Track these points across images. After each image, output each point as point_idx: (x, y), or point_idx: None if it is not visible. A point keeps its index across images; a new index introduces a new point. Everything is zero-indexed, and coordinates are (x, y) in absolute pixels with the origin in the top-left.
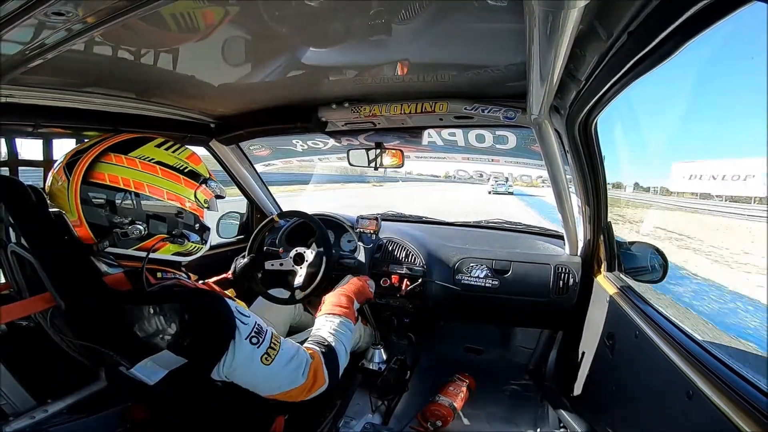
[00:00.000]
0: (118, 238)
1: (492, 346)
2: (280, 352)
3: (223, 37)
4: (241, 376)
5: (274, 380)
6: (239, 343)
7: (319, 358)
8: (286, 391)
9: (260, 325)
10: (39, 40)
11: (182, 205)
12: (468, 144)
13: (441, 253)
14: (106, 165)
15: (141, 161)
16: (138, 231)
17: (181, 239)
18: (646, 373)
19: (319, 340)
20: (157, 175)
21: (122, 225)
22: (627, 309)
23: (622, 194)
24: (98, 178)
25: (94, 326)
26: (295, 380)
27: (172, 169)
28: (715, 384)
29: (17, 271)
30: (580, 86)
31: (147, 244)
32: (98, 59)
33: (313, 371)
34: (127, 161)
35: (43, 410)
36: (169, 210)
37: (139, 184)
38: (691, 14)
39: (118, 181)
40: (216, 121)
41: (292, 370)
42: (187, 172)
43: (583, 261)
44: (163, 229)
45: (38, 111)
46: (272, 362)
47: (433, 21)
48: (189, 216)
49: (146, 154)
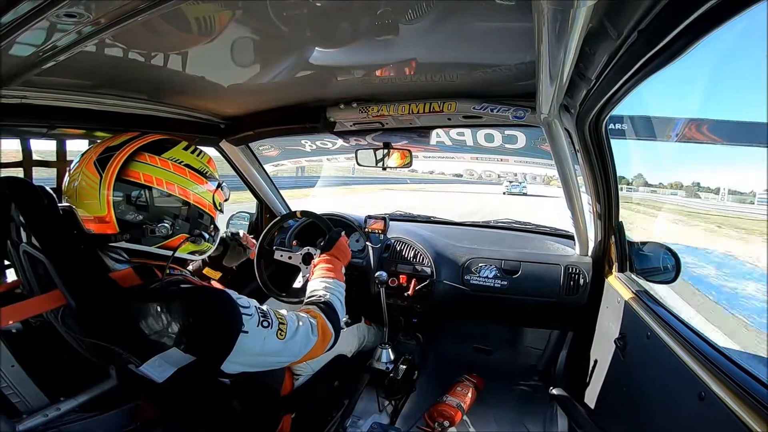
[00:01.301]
0: (145, 235)
1: (501, 347)
2: (288, 324)
3: (232, 38)
4: (261, 359)
5: (293, 348)
6: (253, 332)
7: (320, 315)
8: (305, 354)
9: (261, 308)
10: (52, 42)
11: (204, 207)
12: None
13: (449, 252)
14: (141, 164)
15: (173, 163)
16: (165, 229)
17: (199, 239)
18: (657, 374)
19: (316, 300)
20: (186, 177)
21: (151, 222)
22: (639, 310)
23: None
24: (133, 176)
25: (104, 324)
26: (308, 341)
27: (197, 172)
28: (728, 385)
29: (29, 270)
30: (590, 85)
31: (171, 242)
32: (110, 60)
33: (320, 328)
34: (161, 162)
35: (56, 408)
36: (193, 211)
37: (171, 184)
38: (703, 11)
39: (152, 181)
40: (226, 122)
41: (303, 334)
42: (208, 175)
43: (594, 261)
44: (186, 229)
45: (52, 112)
46: (286, 335)
47: (441, 20)
48: (207, 217)
49: (176, 156)
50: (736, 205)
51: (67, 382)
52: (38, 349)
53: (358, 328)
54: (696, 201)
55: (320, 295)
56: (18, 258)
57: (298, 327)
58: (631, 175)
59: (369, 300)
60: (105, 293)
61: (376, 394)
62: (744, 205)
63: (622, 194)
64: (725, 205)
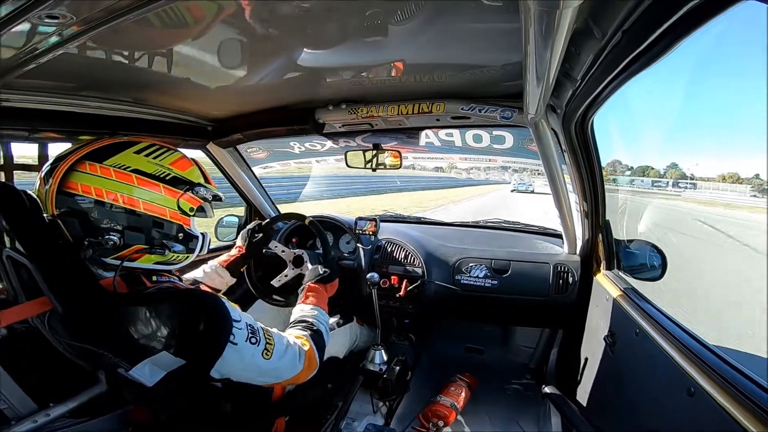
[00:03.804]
0: (93, 248)
1: (493, 346)
2: (276, 345)
3: (218, 40)
4: (246, 373)
5: (275, 371)
6: (241, 346)
7: (310, 345)
8: (287, 378)
9: (251, 324)
10: (33, 44)
11: (161, 215)
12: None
13: (440, 253)
14: (80, 174)
15: (116, 170)
16: (112, 242)
17: (162, 249)
18: (646, 370)
19: (308, 326)
20: (133, 184)
21: (95, 235)
22: (627, 307)
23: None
24: (72, 187)
25: (91, 328)
26: (293, 368)
27: (150, 177)
28: (716, 381)
29: (13, 275)
30: (576, 85)
31: (123, 254)
32: (93, 62)
33: (308, 358)
34: (101, 170)
35: (45, 414)
36: (145, 221)
37: (112, 194)
38: (685, 12)
39: (91, 191)
40: (212, 124)
41: (289, 359)
42: (168, 179)
43: (582, 259)
44: (139, 240)
45: (34, 115)
46: (272, 356)
47: (429, 21)
48: (170, 226)
49: (122, 162)
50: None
51: (57, 387)
52: (25, 355)
53: (350, 328)
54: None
55: (312, 323)
56: (1, 263)
57: (286, 350)
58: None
59: (361, 301)
60: (92, 297)
61: (370, 396)
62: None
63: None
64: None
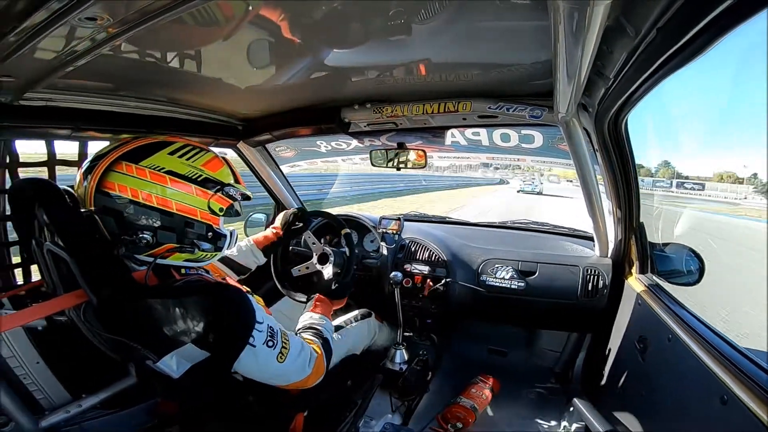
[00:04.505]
0: (127, 246)
1: (516, 348)
2: (290, 349)
3: (248, 40)
4: (258, 373)
5: (285, 375)
6: (258, 348)
7: (321, 352)
8: (294, 382)
9: (272, 326)
10: (72, 46)
11: (193, 216)
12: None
13: (464, 253)
14: (117, 174)
15: (151, 171)
16: (145, 240)
17: (192, 248)
18: (678, 377)
19: (318, 333)
20: (166, 185)
21: (129, 233)
22: (660, 312)
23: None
24: (109, 187)
25: (123, 320)
26: (302, 372)
27: (182, 179)
28: (750, 388)
29: (53, 269)
30: (608, 84)
31: (155, 252)
32: (129, 63)
33: (317, 365)
34: (137, 171)
35: (78, 405)
36: (177, 221)
37: (147, 195)
38: (724, 8)
39: (127, 191)
40: (242, 123)
41: (300, 364)
42: (200, 180)
43: (614, 263)
44: (171, 240)
45: (76, 114)
46: (285, 359)
47: (454, 20)
48: (200, 226)
49: (157, 163)
50: None
51: (89, 379)
52: (61, 346)
53: (368, 323)
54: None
55: (321, 331)
56: (42, 256)
57: (299, 355)
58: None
59: (383, 300)
60: (125, 290)
61: (389, 395)
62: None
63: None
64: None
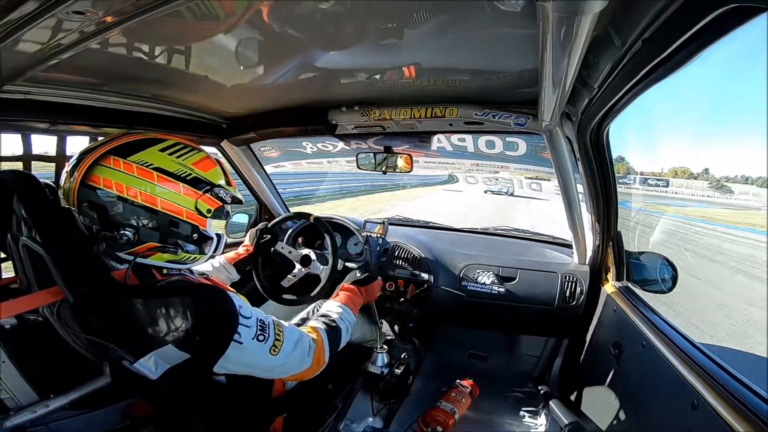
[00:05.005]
0: (107, 242)
1: (496, 353)
2: (285, 341)
3: (236, 38)
4: (249, 369)
5: (283, 367)
6: (246, 345)
7: (321, 340)
8: (294, 374)
9: (262, 319)
10: (58, 39)
11: (178, 215)
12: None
13: (447, 258)
14: (104, 168)
15: (138, 166)
16: (126, 237)
17: (175, 249)
18: (651, 383)
19: (328, 321)
20: (153, 181)
21: (110, 229)
22: (635, 318)
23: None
24: (94, 181)
25: (100, 319)
26: (302, 363)
27: (171, 177)
28: (720, 394)
29: (28, 264)
30: (592, 93)
31: (136, 250)
32: (114, 58)
33: (316, 355)
34: (125, 166)
35: (45, 405)
36: (161, 219)
37: (132, 190)
38: (708, 21)
39: (112, 186)
40: (227, 122)
41: (298, 355)
42: (189, 179)
43: (591, 270)
44: (153, 238)
45: (55, 108)
46: (279, 352)
47: (445, 26)
48: (186, 226)
49: (146, 158)
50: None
51: (60, 379)
52: (31, 345)
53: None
54: None
55: (333, 318)
56: (17, 252)
57: (295, 346)
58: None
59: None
60: (102, 288)
61: (371, 398)
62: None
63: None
64: None
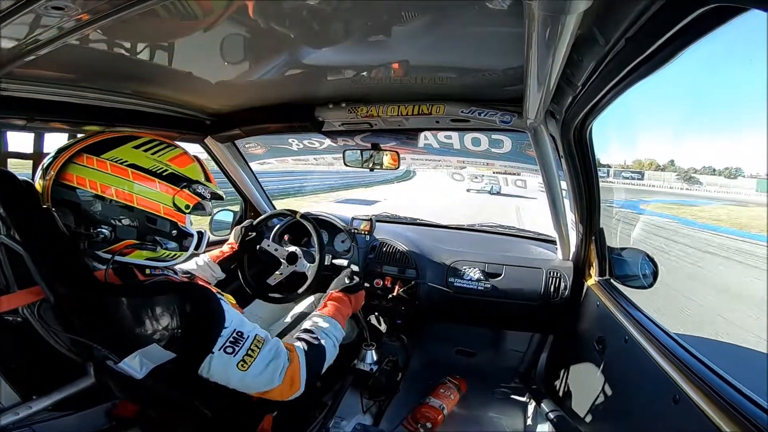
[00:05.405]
0: (83, 240)
1: (483, 349)
2: (258, 357)
3: (222, 34)
4: (218, 379)
5: (249, 384)
6: (217, 355)
7: (298, 362)
8: (261, 392)
9: (241, 331)
10: (37, 34)
11: (155, 211)
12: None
13: (434, 255)
14: (77, 166)
15: (112, 164)
16: (102, 235)
17: (153, 246)
18: (634, 377)
19: (309, 337)
20: (128, 178)
21: (87, 228)
22: (617, 314)
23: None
24: (68, 179)
25: (83, 319)
26: (270, 382)
27: (146, 173)
28: (701, 389)
29: (6, 264)
30: (576, 92)
31: (114, 248)
32: (94, 54)
33: (290, 375)
34: (98, 163)
35: (28, 406)
36: (138, 216)
37: (106, 187)
38: (689, 21)
39: (86, 184)
40: (211, 119)
41: (268, 373)
42: (165, 175)
43: (575, 266)
44: (131, 235)
45: (32, 105)
46: (248, 368)
47: (433, 23)
48: (164, 223)
49: (120, 156)
50: None
51: (43, 379)
52: (12, 346)
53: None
54: None
55: (317, 336)
56: None
57: (268, 365)
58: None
59: None
60: (84, 287)
61: (360, 395)
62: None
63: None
64: None
